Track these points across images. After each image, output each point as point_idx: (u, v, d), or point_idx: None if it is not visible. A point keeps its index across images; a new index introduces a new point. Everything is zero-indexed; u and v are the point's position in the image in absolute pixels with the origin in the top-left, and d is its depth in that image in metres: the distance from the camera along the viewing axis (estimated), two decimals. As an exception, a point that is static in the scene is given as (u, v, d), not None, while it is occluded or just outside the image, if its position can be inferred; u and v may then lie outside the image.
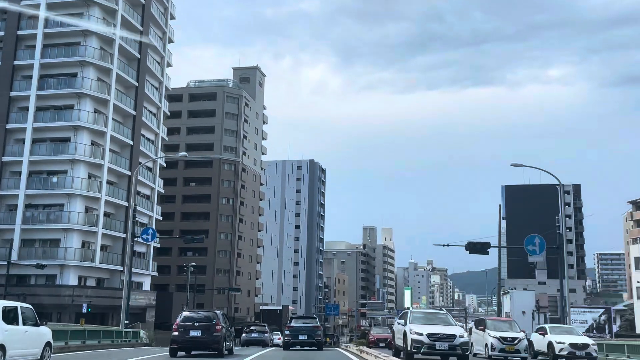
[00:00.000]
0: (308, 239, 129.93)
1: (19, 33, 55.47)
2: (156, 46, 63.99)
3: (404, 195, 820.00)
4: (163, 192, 68.22)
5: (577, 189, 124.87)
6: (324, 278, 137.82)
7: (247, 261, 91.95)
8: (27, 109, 54.03)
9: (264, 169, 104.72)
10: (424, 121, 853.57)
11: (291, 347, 28.54)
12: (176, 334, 19.42)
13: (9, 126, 54.32)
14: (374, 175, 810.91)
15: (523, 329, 24.47)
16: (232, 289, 73.80)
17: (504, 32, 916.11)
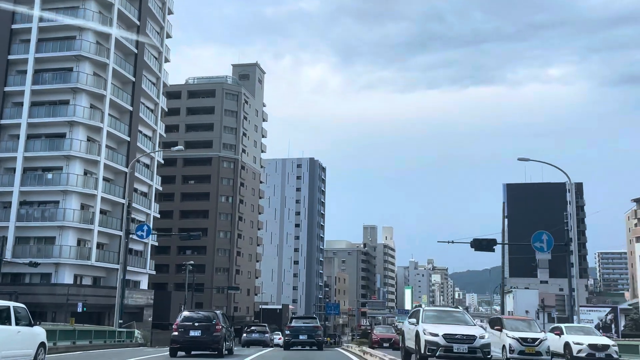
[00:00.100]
0: (308, 237, 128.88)
1: (13, 27, 54.39)
2: (154, 41, 62.90)
3: (404, 194, 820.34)
4: (161, 189, 67.21)
5: (579, 187, 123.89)
6: (324, 277, 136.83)
7: (247, 260, 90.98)
8: (21, 104, 52.98)
9: (263, 167, 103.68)
10: (424, 120, 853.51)
11: (291, 347, 28.84)
12: (176, 334, 19.50)
13: (3, 122, 53.26)
14: (374, 175, 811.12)
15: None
16: (231, 288, 72.82)
17: (504, 31, 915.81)
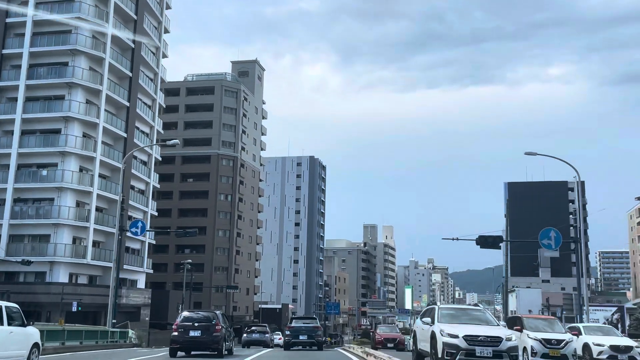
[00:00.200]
0: (308, 236, 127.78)
1: (8, 21, 53.36)
2: (151, 36, 61.81)
3: (404, 193, 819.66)
4: (158, 187, 66.14)
5: (582, 186, 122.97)
6: (324, 276, 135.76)
7: (246, 259, 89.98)
8: (16, 99, 51.92)
9: (263, 165, 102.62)
10: (424, 120, 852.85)
11: (292, 347, 28.92)
12: (176, 334, 19.53)
13: (-3, 117, 52.25)
14: (374, 174, 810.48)
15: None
16: (230, 287, 71.84)
17: (504, 30, 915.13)
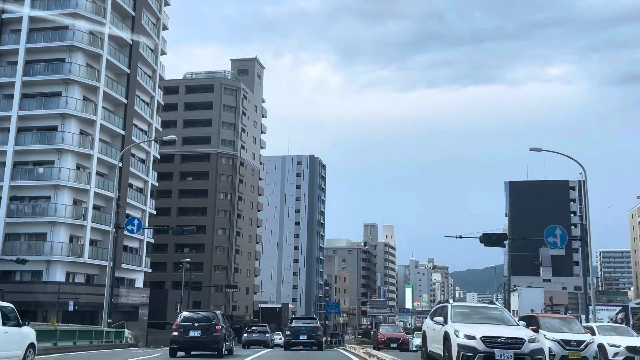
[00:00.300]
0: (308, 235, 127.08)
1: (4, 17, 52.67)
2: (149, 32, 61.10)
3: (404, 193, 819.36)
4: (157, 185, 65.43)
5: (585, 184, 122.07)
6: (324, 276, 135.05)
7: (246, 258, 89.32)
8: (12, 96, 51.17)
9: (263, 164, 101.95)
10: (424, 119, 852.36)
11: (292, 347, 28.90)
12: (176, 334, 19.51)
13: (-7, 114, 51.51)
14: (374, 174, 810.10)
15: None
16: (229, 287, 71.17)
17: (504, 30, 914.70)
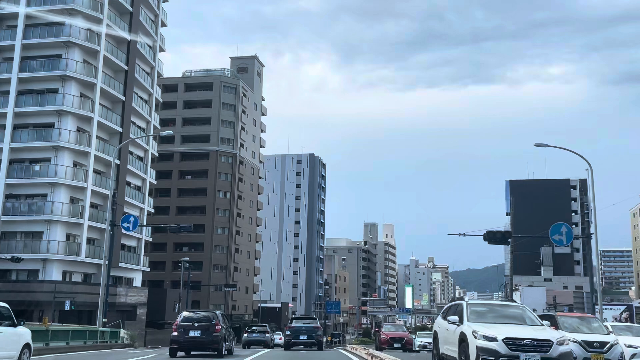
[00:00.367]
0: (308, 235, 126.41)
1: (0, 12, 51.96)
2: (147, 28, 60.40)
3: (404, 192, 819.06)
4: (155, 183, 64.74)
5: (584, 183, 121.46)
6: (324, 275, 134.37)
7: (245, 257, 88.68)
8: (7, 92, 50.47)
9: (262, 162, 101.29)
10: (424, 119, 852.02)
11: (292, 347, 28.82)
12: (176, 334, 19.55)
13: (-12, 111, 50.81)
14: (374, 173, 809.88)
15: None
16: (228, 286, 70.51)
17: (505, 30, 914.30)
